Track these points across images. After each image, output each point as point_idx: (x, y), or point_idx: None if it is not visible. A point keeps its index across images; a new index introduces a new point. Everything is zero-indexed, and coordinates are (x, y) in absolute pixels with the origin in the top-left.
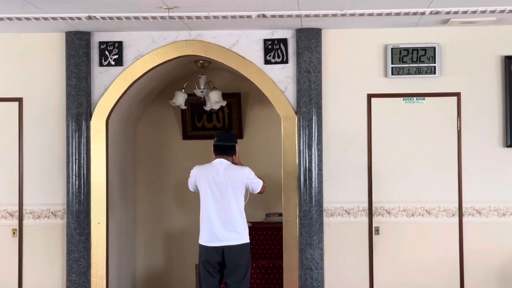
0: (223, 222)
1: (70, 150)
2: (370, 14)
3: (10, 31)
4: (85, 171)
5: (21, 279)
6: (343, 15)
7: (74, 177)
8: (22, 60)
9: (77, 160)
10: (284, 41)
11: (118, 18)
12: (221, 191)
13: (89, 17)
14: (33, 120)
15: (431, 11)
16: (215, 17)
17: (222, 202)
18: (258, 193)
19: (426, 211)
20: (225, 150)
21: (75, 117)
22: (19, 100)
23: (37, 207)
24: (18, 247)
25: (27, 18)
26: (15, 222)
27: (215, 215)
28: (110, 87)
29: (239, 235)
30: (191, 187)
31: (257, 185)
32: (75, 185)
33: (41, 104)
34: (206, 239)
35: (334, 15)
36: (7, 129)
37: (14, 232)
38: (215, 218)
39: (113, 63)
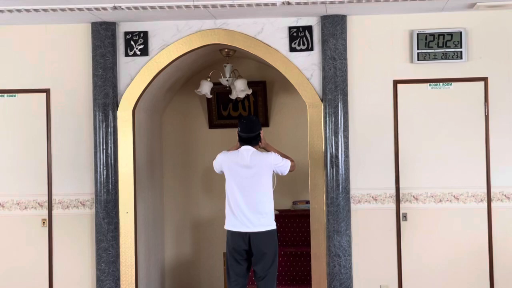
0: (249, 209)
1: (98, 140)
2: (395, 0)
3: (37, 22)
4: (112, 161)
5: (51, 269)
6: (368, 1)
7: (102, 167)
8: (49, 51)
9: (104, 150)
10: (309, 28)
11: (143, 8)
12: (248, 177)
13: (114, 7)
14: (61, 111)
15: None
16: (239, 5)
17: (248, 189)
18: (289, 171)
19: (454, 196)
20: (250, 141)
21: (102, 108)
22: (47, 91)
23: (65, 197)
24: (48, 237)
25: (53, 10)
26: (45, 212)
27: (242, 202)
28: (136, 77)
29: (265, 222)
30: (216, 170)
31: (285, 167)
32: (103, 175)
33: (68, 95)
34: (232, 224)
35: (359, 1)
36: (35, 120)
37: (43, 222)
38: (242, 204)
39: (138, 53)
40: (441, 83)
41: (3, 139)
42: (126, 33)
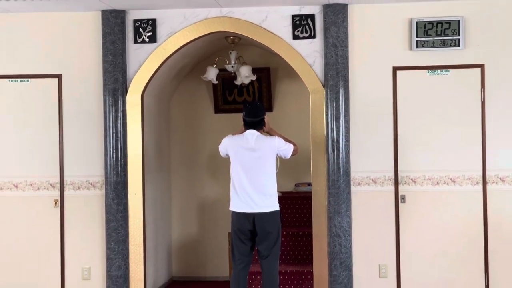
0: (254, 191)
1: (108, 124)
2: None
3: (50, 10)
4: (122, 144)
5: (63, 247)
6: None
7: (111, 150)
8: (60, 38)
9: (114, 134)
10: (311, 16)
11: None
12: (252, 160)
13: None
14: (72, 96)
15: None
16: None
17: (253, 171)
18: (292, 155)
19: (451, 179)
20: (255, 125)
21: (111, 92)
22: (59, 77)
23: (77, 179)
24: (60, 216)
25: None
26: (57, 193)
27: (247, 184)
28: (144, 63)
29: (270, 203)
30: (222, 154)
31: (288, 151)
32: (113, 157)
33: (79, 80)
34: (237, 205)
35: None
36: (47, 104)
37: (56, 203)
38: (246, 186)
39: (147, 40)
40: (439, 70)
41: (17, 122)
42: (135, 21)
